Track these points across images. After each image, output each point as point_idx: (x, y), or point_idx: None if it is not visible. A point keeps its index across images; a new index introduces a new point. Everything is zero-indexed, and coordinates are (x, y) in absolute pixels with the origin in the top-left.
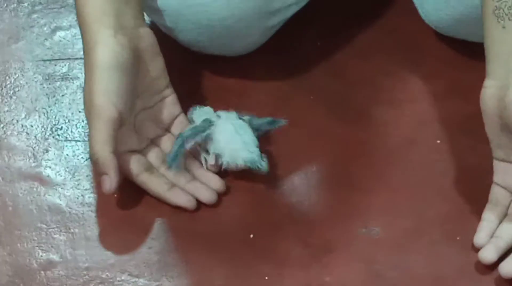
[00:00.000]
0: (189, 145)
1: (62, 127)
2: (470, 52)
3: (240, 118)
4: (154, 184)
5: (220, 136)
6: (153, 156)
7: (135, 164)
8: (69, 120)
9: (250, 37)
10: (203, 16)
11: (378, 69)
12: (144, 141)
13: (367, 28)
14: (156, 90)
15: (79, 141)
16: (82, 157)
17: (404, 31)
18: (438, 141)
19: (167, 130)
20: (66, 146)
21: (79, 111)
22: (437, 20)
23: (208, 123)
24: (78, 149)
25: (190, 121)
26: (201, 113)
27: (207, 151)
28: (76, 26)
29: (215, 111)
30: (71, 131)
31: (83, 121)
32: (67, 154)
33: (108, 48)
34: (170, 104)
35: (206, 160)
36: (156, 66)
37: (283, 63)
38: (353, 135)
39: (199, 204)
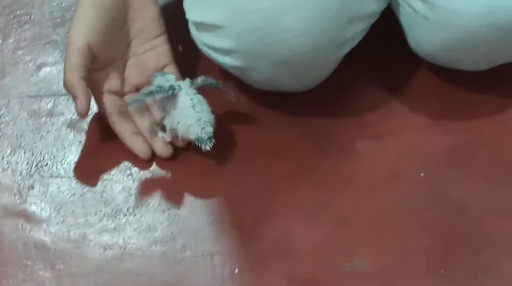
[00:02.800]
0: (151, 98)
1: (47, 163)
2: (455, 83)
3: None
4: (120, 126)
5: (177, 111)
6: None
7: (109, 105)
8: (54, 157)
9: (326, 68)
10: (283, 52)
11: (362, 103)
12: (128, 86)
13: (351, 62)
14: (146, 38)
15: (64, 177)
16: (67, 194)
17: (389, 64)
18: (422, 174)
19: None
20: (51, 182)
21: (64, 148)
22: (429, 46)
23: (173, 88)
24: (63, 186)
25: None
26: (161, 80)
27: (163, 127)
28: (61, 62)
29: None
30: (56, 168)
31: (68, 157)
32: (52, 191)
33: None
34: (160, 53)
35: (163, 137)
36: (147, 14)
37: (268, 96)
38: (337, 168)
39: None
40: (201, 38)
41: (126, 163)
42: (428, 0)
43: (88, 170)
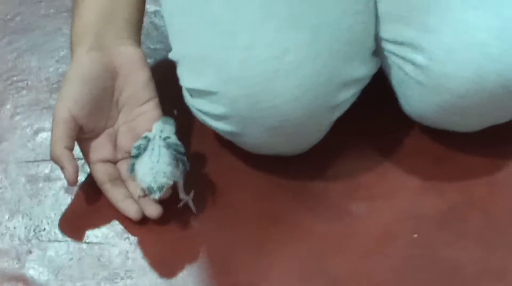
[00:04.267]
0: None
1: (45, 228)
2: (447, 144)
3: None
4: (112, 193)
5: (139, 160)
6: (125, 168)
7: (101, 174)
8: (52, 221)
9: (318, 132)
10: (275, 118)
11: (355, 165)
12: (121, 152)
13: (344, 125)
14: (136, 104)
15: (62, 241)
16: (65, 258)
17: (382, 126)
18: (415, 236)
19: None
20: (49, 246)
21: (62, 212)
22: (420, 109)
23: (146, 145)
24: (61, 250)
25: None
26: (159, 126)
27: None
28: None
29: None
30: (54, 232)
31: (65, 221)
32: (50, 255)
33: (77, 62)
34: (151, 118)
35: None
36: (136, 80)
37: (263, 160)
38: (332, 231)
39: None
40: (194, 103)
41: (122, 227)
42: (419, 63)
43: (85, 234)
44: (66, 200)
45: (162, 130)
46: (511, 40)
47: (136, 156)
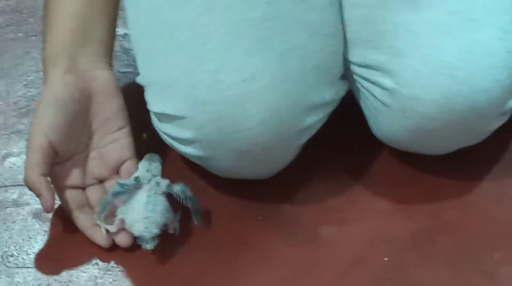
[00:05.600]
0: (115, 201)
1: (13, 253)
2: (417, 167)
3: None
4: (81, 221)
5: (130, 202)
6: (94, 194)
7: (70, 201)
8: (20, 247)
9: (286, 156)
10: (243, 142)
11: (325, 188)
12: (90, 179)
13: (313, 148)
14: (108, 131)
15: (30, 267)
16: (33, 284)
17: (352, 149)
18: (386, 259)
19: (116, 172)
20: (17, 273)
21: (30, 238)
22: (390, 132)
23: (135, 186)
24: (29, 276)
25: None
26: (145, 165)
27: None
28: (26, 153)
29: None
30: (22, 258)
31: (34, 247)
32: (18, 281)
33: (52, 86)
34: (122, 146)
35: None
36: (109, 107)
37: (232, 184)
38: (302, 255)
39: None
40: (162, 128)
41: (91, 253)
42: (388, 87)
43: (54, 260)
44: (34, 226)
45: (148, 170)
46: (478, 63)
47: (117, 194)
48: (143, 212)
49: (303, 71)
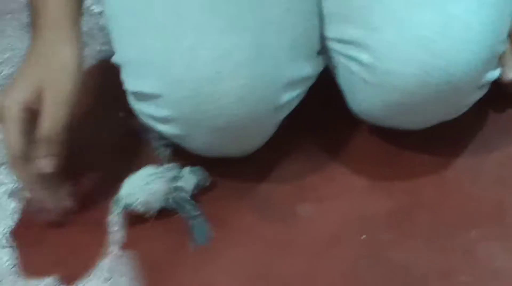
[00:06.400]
0: None
1: None
2: (395, 145)
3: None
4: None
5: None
6: None
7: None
8: None
9: (264, 132)
10: (219, 119)
11: (302, 166)
12: None
13: (290, 125)
14: None
15: (6, 247)
16: (9, 264)
17: (329, 126)
18: (363, 237)
19: None
20: None
21: (6, 217)
22: (367, 107)
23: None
24: (5, 256)
25: None
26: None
27: None
28: None
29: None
30: None
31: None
32: None
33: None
34: None
35: None
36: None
37: (207, 163)
38: (279, 234)
39: None
40: (139, 107)
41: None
42: (364, 62)
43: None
44: (10, 205)
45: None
46: (455, 36)
47: None
48: (132, 184)
49: (279, 46)
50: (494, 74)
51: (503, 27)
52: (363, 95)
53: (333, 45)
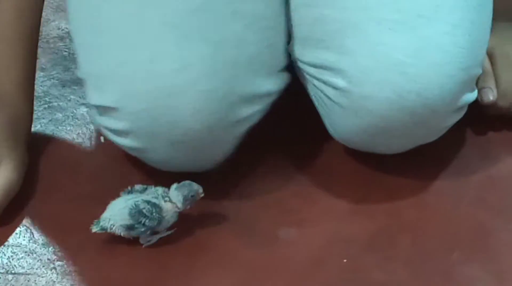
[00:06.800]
0: None
1: None
2: (375, 167)
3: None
4: None
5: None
6: None
7: None
8: None
9: (222, 147)
10: (175, 132)
11: (283, 190)
12: None
13: (269, 148)
14: None
15: None
16: None
17: (313, 151)
18: (345, 260)
19: None
20: None
21: None
22: (344, 131)
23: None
24: None
25: None
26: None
27: None
28: None
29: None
30: None
31: None
32: None
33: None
34: None
35: None
36: None
37: None
38: (260, 258)
39: None
40: (100, 121)
41: (49, 256)
42: (339, 86)
43: (11, 265)
44: None
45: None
46: (428, 59)
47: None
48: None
49: (237, 61)
50: (471, 96)
51: (479, 49)
52: (339, 119)
53: (308, 70)
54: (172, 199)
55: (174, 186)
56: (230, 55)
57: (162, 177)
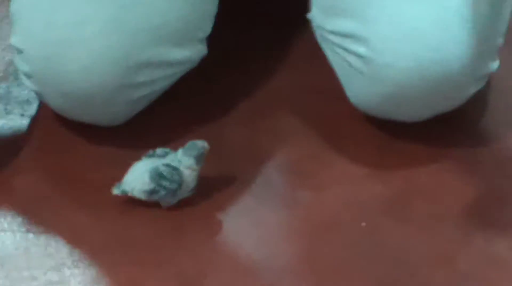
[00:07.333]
0: None
1: None
2: (393, 133)
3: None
4: None
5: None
6: None
7: None
8: None
9: (114, 107)
10: (66, 84)
11: (302, 153)
12: None
13: (292, 113)
14: None
15: (7, 231)
16: (11, 248)
17: (330, 115)
18: (363, 224)
19: None
20: None
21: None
22: (364, 98)
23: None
24: (7, 240)
25: None
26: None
27: None
28: None
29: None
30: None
31: (10, 212)
32: None
33: None
34: None
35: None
36: None
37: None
38: (277, 219)
39: None
40: (15, 61)
41: (68, 217)
42: (361, 54)
43: (32, 224)
44: (9, 191)
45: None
46: (450, 30)
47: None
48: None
49: (143, 27)
50: (493, 66)
51: (502, 19)
52: (360, 86)
53: (332, 38)
54: (186, 164)
55: (180, 152)
56: (136, 19)
57: (180, 138)
